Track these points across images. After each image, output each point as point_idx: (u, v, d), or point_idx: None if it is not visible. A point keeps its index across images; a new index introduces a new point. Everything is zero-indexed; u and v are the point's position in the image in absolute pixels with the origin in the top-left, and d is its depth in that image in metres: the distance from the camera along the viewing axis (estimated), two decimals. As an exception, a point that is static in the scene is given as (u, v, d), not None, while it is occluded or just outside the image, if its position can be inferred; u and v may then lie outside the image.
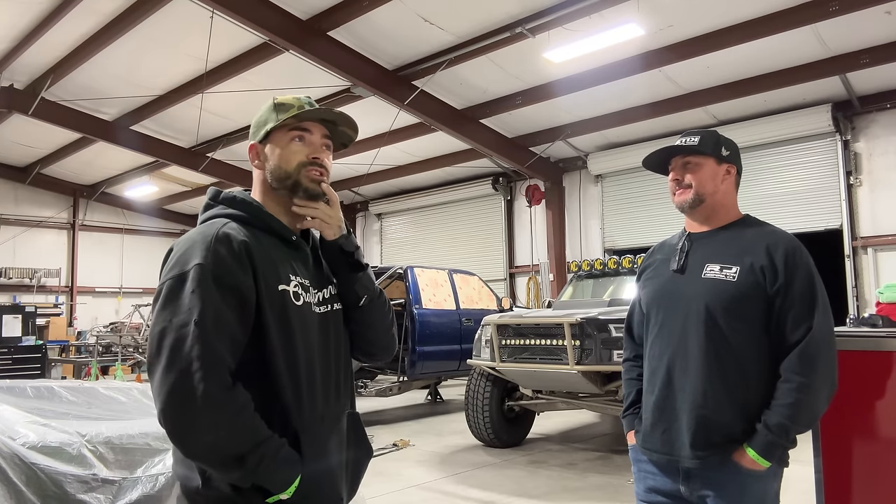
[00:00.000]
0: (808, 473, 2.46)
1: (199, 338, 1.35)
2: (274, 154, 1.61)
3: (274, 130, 1.61)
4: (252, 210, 1.59)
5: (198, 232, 1.50)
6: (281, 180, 1.60)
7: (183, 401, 1.33)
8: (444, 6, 8.64)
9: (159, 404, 1.34)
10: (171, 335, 1.36)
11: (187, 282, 1.40)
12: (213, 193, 1.63)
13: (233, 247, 1.45)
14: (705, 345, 1.93)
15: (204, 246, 1.43)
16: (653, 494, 2.05)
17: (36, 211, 17.79)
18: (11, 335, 11.71)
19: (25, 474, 2.30)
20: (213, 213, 1.58)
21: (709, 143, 2.07)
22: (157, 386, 1.35)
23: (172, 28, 9.35)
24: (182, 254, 1.45)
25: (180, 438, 1.36)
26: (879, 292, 3.78)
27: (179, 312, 1.37)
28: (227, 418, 1.35)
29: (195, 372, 1.33)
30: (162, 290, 1.44)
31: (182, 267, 1.42)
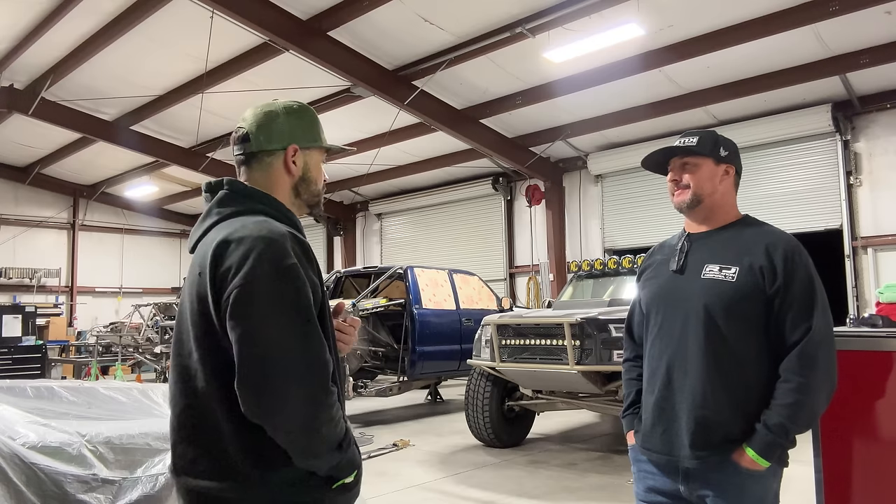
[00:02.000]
0: (808, 473, 2.46)
1: (315, 337, 1.38)
2: (312, 169, 1.67)
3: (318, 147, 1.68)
4: (281, 208, 1.59)
5: (265, 228, 1.45)
6: (313, 196, 1.69)
7: (321, 396, 1.36)
8: (444, 6, 8.64)
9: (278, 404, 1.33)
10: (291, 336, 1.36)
11: (289, 279, 1.38)
12: (234, 184, 1.60)
13: (304, 245, 1.47)
14: (705, 345, 1.93)
15: (284, 245, 1.42)
16: (652, 494, 2.05)
17: (36, 211, 17.80)
18: (11, 335, 11.72)
19: (25, 474, 2.30)
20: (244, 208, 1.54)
21: (707, 144, 2.07)
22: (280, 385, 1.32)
23: (172, 28, 9.35)
24: (266, 250, 1.40)
25: (307, 437, 1.37)
26: (879, 292, 3.78)
27: (293, 312, 1.37)
28: (336, 411, 1.41)
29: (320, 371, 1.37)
30: (256, 288, 1.37)
31: (276, 264, 1.39)
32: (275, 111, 1.65)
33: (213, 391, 1.42)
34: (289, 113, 1.66)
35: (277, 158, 1.63)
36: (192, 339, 1.46)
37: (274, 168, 1.63)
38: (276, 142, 1.63)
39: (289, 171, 1.64)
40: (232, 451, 1.41)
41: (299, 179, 1.65)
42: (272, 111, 1.65)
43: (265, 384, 1.32)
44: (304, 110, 1.69)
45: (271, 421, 1.35)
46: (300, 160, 1.65)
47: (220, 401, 1.41)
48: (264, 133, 1.63)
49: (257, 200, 1.56)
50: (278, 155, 1.63)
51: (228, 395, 1.37)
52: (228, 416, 1.40)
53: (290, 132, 1.64)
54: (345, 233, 17.73)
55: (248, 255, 1.39)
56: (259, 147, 1.62)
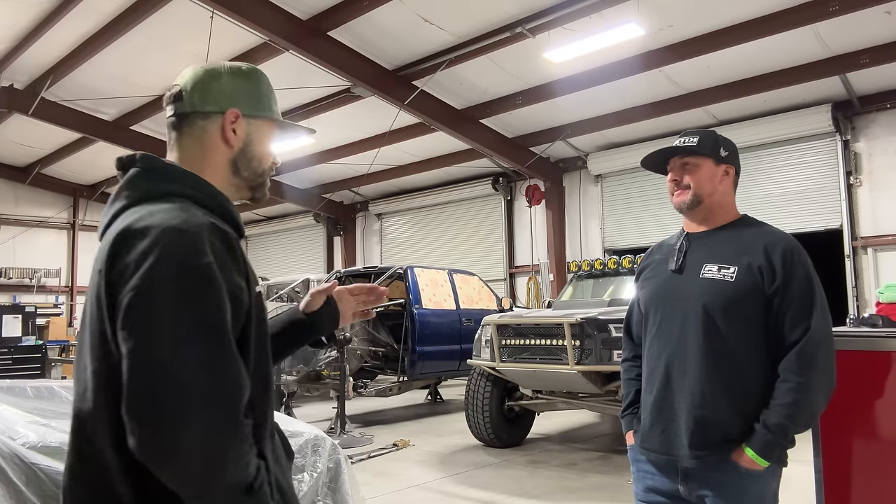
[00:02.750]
0: (808, 473, 2.46)
1: (227, 356, 1.10)
2: (257, 142, 1.40)
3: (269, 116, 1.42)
4: (210, 189, 1.30)
5: (178, 218, 1.16)
6: (255, 175, 1.40)
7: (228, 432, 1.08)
8: (444, 6, 8.64)
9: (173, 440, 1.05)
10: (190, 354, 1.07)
11: (194, 284, 1.10)
12: (149, 160, 1.30)
13: (227, 240, 1.19)
14: (703, 345, 1.93)
15: (199, 237, 1.14)
16: (651, 494, 2.05)
17: (36, 211, 17.80)
18: (11, 335, 11.74)
19: (25, 474, 2.29)
20: (159, 191, 1.24)
21: (707, 144, 2.07)
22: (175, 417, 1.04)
23: (172, 28, 9.35)
24: (172, 246, 1.11)
25: (214, 478, 1.08)
26: (879, 292, 3.78)
27: (194, 325, 1.09)
28: (248, 447, 1.13)
29: (229, 398, 1.09)
30: (151, 293, 1.08)
31: (181, 264, 1.10)
32: (217, 70, 1.40)
33: (104, 415, 1.13)
34: (234, 73, 1.40)
35: (213, 124, 1.35)
36: (88, 350, 1.17)
37: (208, 135, 1.35)
38: (213, 103, 1.35)
39: (226, 140, 1.35)
40: (121, 494, 1.13)
41: (239, 152, 1.36)
42: (214, 69, 1.40)
43: (155, 416, 1.04)
44: (253, 73, 1.44)
45: (161, 462, 1.06)
46: (242, 129, 1.37)
47: (110, 428, 1.12)
48: (200, 92, 1.36)
49: (176, 180, 1.27)
50: (215, 119, 1.35)
51: (119, 422, 1.08)
52: (118, 448, 1.11)
53: (232, 94, 1.37)
54: (345, 233, 17.74)
55: (149, 251, 1.10)
56: (192, 107, 1.35)
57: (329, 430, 7.17)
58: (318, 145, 13.52)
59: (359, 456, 6.32)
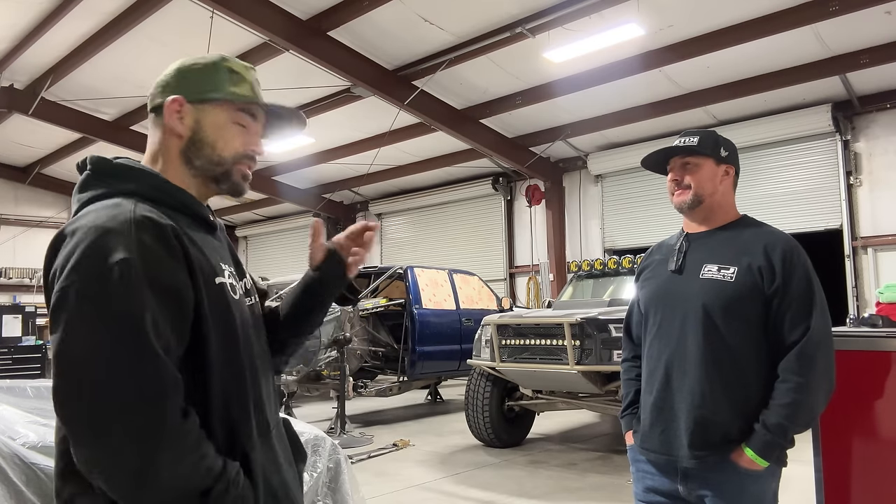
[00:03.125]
0: (808, 473, 2.46)
1: (145, 357, 1.05)
2: (209, 127, 1.31)
3: (218, 99, 1.32)
4: (158, 182, 1.25)
5: (105, 215, 1.13)
6: (211, 164, 1.31)
7: (136, 440, 1.03)
8: (444, 6, 8.64)
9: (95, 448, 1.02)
10: (103, 355, 1.04)
11: (111, 283, 1.06)
12: (97, 162, 1.26)
13: (160, 233, 1.14)
14: (703, 345, 1.93)
15: (122, 234, 1.10)
16: (651, 494, 2.05)
17: (36, 211, 17.80)
18: (11, 335, 11.74)
19: (25, 474, 2.29)
20: (105, 191, 1.22)
21: (708, 144, 2.07)
22: (93, 423, 1.02)
23: (172, 28, 9.34)
24: (92, 246, 1.09)
25: (133, 487, 1.04)
26: (879, 292, 3.78)
27: (111, 324, 1.05)
28: (189, 450, 1.08)
29: (150, 400, 1.04)
30: (70, 295, 1.06)
31: (99, 263, 1.07)
32: (180, 62, 1.36)
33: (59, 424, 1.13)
34: (184, 64, 1.34)
35: (161, 115, 1.31)
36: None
37: (159, 129, 1.31)
38: (160, 96, 1.32)
39: (173, 129, 1.30)
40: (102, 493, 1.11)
41: (188, 141, 1.30)
42: (173, 64, 1.36)
43: (75, 421, 1.03)
44: (207, 61, 1.35)
45: (88, 470, 1.04)
46: (189, 117, 1.30)
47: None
48: (156, 87, 1.34)
49: (124, 178, 1.24)
50: (162, 112, 1.31)
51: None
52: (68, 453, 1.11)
53: (178, 83, 1.32)
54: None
55: (72, 252, 1.09)
56: (151, 103, 1.34)
57: (329, 430, 7.17)
58: (318, 145, 13.52)
59: (359, 456, 6.32)
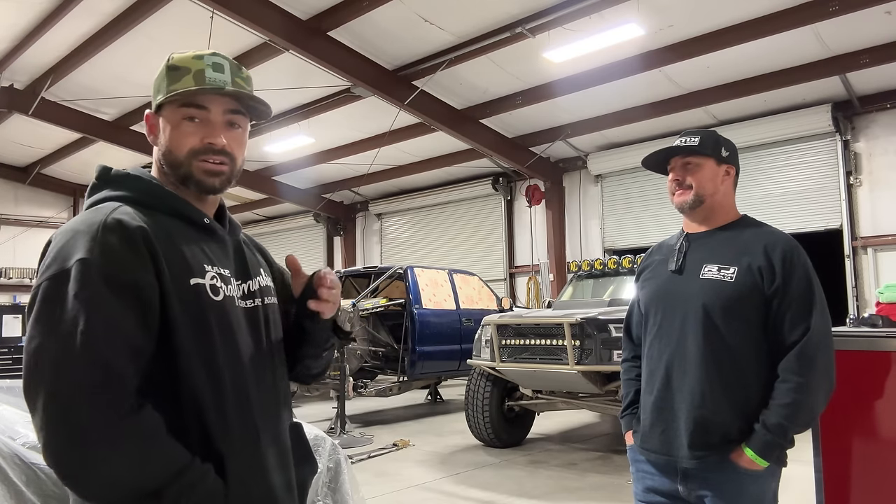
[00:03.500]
0: (808, 473, 2.46)
1: (88, 352, 1.10)
2: (166, 132, 1.35)
3: (165, 103, 1.35)
4: (148, 188, 1.32)
5: (81, 220, 1.22)
6: (174, 167, 1.34)
7: (74, 432, 1.08)
8: (444, 6, 8.64)
9: (43, 438, 1.10)
10: (51, 351, 1.11)
11: (69, 282, 1.13)
12: (100, 171, 1.35)
13: (127, 235, 1.19)
14: (703, 345, 1.93)
15: (89, 236, 1.17)
16: (651, 494, 2.05)
17: (36, 211, 17.80)
18: (11, 335, 11.74)
19: (25, 474, 2.29)
20: (101, 197, 1.30)
21: (709, 144, 2.07)
22: (41, 415, 1.10)
23: (172, 28, 9.34)
24: (61, 248, 1.17)
25: (74, 478, 1.11)
26: (879, 292, 3.78)
27: (61, 322, 1.12)
28: (134, 447, 1.11)
29: (88, 395, 1.09)
30: (37, 294, 1.16)
31: (61, 264, 1.15)
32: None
33: None
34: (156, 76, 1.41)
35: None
36: None
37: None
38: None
39: (153, 142, 1.38)
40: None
41: (163, 151, 1.35)
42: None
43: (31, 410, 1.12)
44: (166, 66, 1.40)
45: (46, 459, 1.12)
46: (160, 125, 1.37)
47: None
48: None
49: (118, 185, 1.32)
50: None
51: None
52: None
53: (153, 96, 1.41)
54: (345, 233, 17.74)
55: (46, 254, 1.20)
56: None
57: (329, 430, 7.17)
58: (318, 145, 13.52)
59: (359, 456, 6.32)
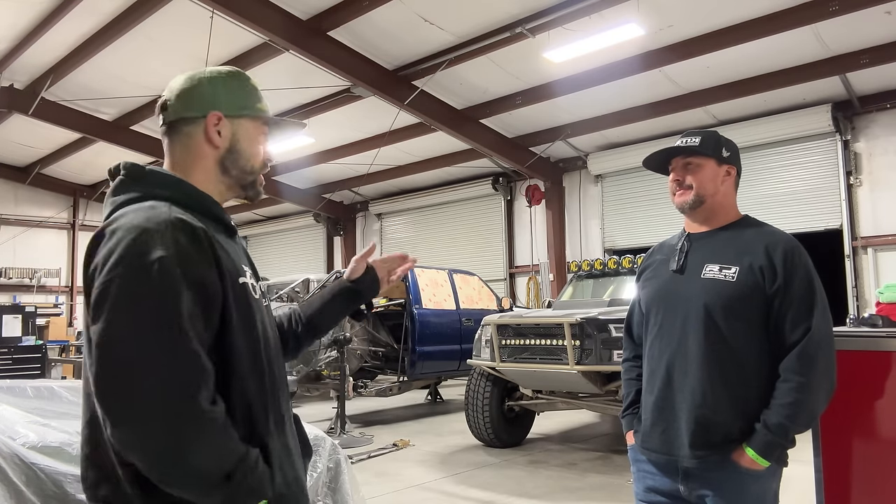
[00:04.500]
0: (808, 473, 2.46)
1: (181, 346, 1.16)
2: (244, 140, 1.45)
3: (251, 115, 1.47)
4: (187, 189, 1.37)
5: (143, 217, 1.24)
6: (245, 173, 1.46)
7: (169, 423, 1.13)
8: (444, 6, 8.64)
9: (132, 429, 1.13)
10: (142, 344, 1.14)
11: (151, 278, 1.16)
12: (131, 168, 1.38)
13: (194, 234, 1.25)
14: (704, 345, 1.93)
15: (160, 234, 1.20)
16: (652, 494, 2.05)
17: (36, 211, 17.80)
18: (11, 335, 11.72)
19: (25, 474, 2.30)
20: (139, 194, 1.33)
21: (709, 144, 2.07)
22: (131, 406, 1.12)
23: (172, 28, 9.35)
24: (131, 244, 1.19)
25: (165, 466, 1.15)
26: (879, 292, 3.78)
27: (150, 316, 1.15)
28: (215, 435, 1.18)
29: (183, 387, 1.14)
30: (112, 289, 1.16)
31: (139, 260, 1.17)
32: (198, 76, 1.46)
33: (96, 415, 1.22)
34: (214, 77, 1.46)
35: (197, 128, 1.42)
36: (86, 347, 1.25)
37: (194, 139, 1.43)
38: (196, 108, 1.42)
39: (211, 142, 1.42)
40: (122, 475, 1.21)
41: (226, 152, 1.43)
42: (195, 76, 1.46)
43: (117, 407, 1.13)
44: (234, 75, 1.48)
45: (128, 448, 1.14)
46: (226, 130, 1.43)
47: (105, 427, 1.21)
48: (183, 100, 1.43)
49: (156, 184, 1.35)
50: (198, 124, 1.42)
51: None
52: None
53: (213, 98, 1.43)
54: (345, 233, 17.73)
55: (113, 250, 1.19)
56: (177, 115, 1.43)
57: (329, 430, 7.17)
58: (318, 145, 13.52)
59: (359, 456, 6.32)
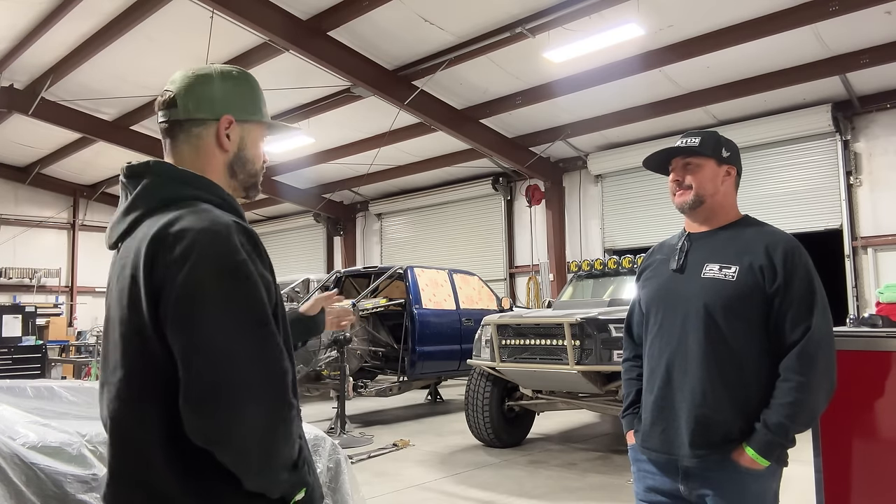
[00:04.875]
0: (808, 473, 2.46)
1: (273, 343, 1.22)
2: (251, 145, 1.46)
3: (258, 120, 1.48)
4: (224, 195, 1.38)
5: (207, 219, 1.24)
6: (250, 176, 1.47)
7: (280, 411, 1.21)
8: (444, 6, 8.65)
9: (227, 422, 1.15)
10: (238, 342, 1.17)
11: (238, 280, 1.20)
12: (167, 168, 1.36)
13: (253, 238, 1.28)
14: (705, 344, 1.93)
15: (230, 237, 1.23)
16: (652, 494, 2.05)
17: (36, 211, 17.80)
18: (11, 335, 11.71)
19: (25, 474, 2.30)
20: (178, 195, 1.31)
21: (709, 145, 2.07)
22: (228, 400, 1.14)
23: (172, 28, 9.35)
24: (210, 246, 1.20)
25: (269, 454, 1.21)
26: (879, 292, 3.78)
27: (244, 317, 1.19)
28: (294, 426, 1.26)
29: (276, 381, 1.21)
30: (200, 291, 1.18)
31: (221, 262, 1.20)
32: (209, 74, 1.43)
33: (148, 411, 1.22)
34: (225, 78, 1.43)
35: (208, 130, 1.40)
36: (120, 355, 1.25)
37: (204, 142, 1.40)
38: (208, 110, 1.40)
39: (221, 146, 1.41)
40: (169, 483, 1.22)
41: (234, 156, 1.43)
42: (205, 74, 1.43)
43: (216, 402, 1.15)
44: (243, 77, 1.47)
45: (223, 443, 1.17)
46: (236, 134, 1.42)
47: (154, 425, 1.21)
48: (193, 98, 1.39)
49: (193, 185, 1.33)
50: (209, 126, 1.40)
51: (164, 417, 1.20)
52: (164, 442, 1.21)
53: (225, 100, 1.41)
54: (345, 233, 17.74)
55: (189, 252, 1.19)
56: (187, 115, 1.39)
57: (329, 430, 7.17)
58: (318, 145, 13.52)
59: (359, 456, 6.32)
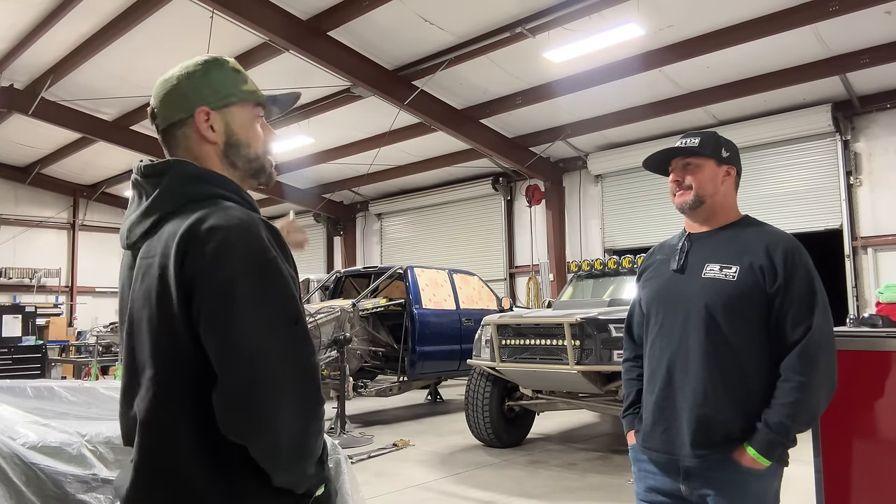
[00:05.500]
0: (808, 473, 2.46)
1: (306, 339, 1.24)
2: (239, 129, 1.41)
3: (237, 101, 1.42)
4: (240, 190, 1.37)
5: (235, 217, 1.24)
6: (250, 161, 1.42)
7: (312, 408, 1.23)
8: (444, 6, 8.65)
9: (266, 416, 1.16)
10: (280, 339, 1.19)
11: (272, 276, 1.21)
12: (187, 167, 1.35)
13: (277, 235, 1.29)
14: (705, 344, 1.93)
15: (259, 234, 1.23)
16: (653, 494, 2.05)
17: (36, 211, 17.80)
18: (11, 335, 11.71)
19: (25, 474, 2.30)
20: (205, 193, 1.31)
21: (709, 145, 2.07)
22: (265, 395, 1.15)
23: (172, 28, 9.35)
24: (243, 243, 1.21)
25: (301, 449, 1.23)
26: (879, 292, 3.78)
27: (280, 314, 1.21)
28: (322, 422, 1.28)
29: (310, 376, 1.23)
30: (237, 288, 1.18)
31: (256, 259, 1.21)
32: (175, 75, 1.42)
33: (175, 411, 1.21)
34: (189, 74, 1.41)
35: (189, 128, 1.39)
36: (149, 353, 1.24)
37: (191, 140, 1.39)
38: (182, 109, 1.39)
39: (207, 139, 1.38)
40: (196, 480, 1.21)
41: (225, 146, 1.40)
42: (172, 76, 1.42)
43: (251, 398, 1.15)
44: (211, 64, 1.43)
45: (257, 438, 1.18)
46: (218, 123, 1.39)
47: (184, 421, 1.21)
48: (166, 104, 1.40)
49: (215, 184, 1.33)
50: (189, 124, 1.38)
51: (195, 413, 1.19)
52: (193, 438, 1.21)
53: (196, 93, 1.39)
54: (345, 233, 17.74)
55: (221, 249, 1.18)
56: (166, 121, 1.40)
57: (329, 430, 7.17)
58: (318, 145, 13.52)
59: (359, 456, 6.32)
